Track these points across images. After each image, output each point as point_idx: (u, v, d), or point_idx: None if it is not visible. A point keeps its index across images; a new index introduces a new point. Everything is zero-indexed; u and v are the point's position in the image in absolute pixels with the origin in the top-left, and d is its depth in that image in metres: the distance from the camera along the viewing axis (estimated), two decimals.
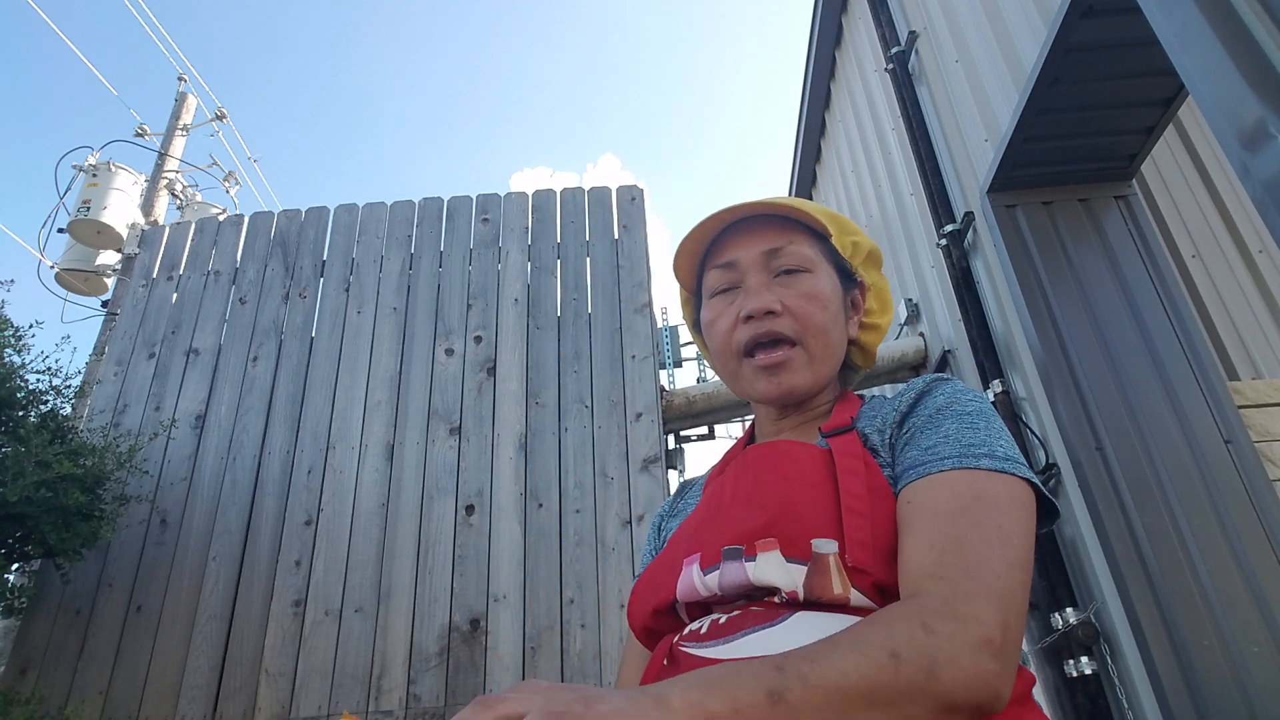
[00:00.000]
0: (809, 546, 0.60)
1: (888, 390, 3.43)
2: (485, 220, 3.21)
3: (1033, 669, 2.01)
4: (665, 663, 0.63)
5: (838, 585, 0.57)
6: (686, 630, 0.64)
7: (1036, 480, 0.61)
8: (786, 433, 0.79)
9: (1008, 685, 0.49)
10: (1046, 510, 0.63)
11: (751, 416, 0.91)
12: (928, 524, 0.57)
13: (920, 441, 0.64)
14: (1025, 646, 2.03)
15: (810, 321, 0.75)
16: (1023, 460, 0.62)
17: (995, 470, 0.59)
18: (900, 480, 0.63)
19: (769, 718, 0.45)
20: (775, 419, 0.81)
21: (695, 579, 0.65)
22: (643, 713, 0.43)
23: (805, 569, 0.59)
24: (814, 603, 0.58)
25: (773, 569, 0.60)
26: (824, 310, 0.76)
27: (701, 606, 0.66)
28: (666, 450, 2.84)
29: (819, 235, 0.79)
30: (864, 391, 0.87)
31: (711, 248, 0.81)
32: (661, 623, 0.70)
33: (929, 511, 0.58)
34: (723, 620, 0.61)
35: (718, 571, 0.63)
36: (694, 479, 0.92)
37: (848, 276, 0.81)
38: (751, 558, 0.61)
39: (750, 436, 0.86)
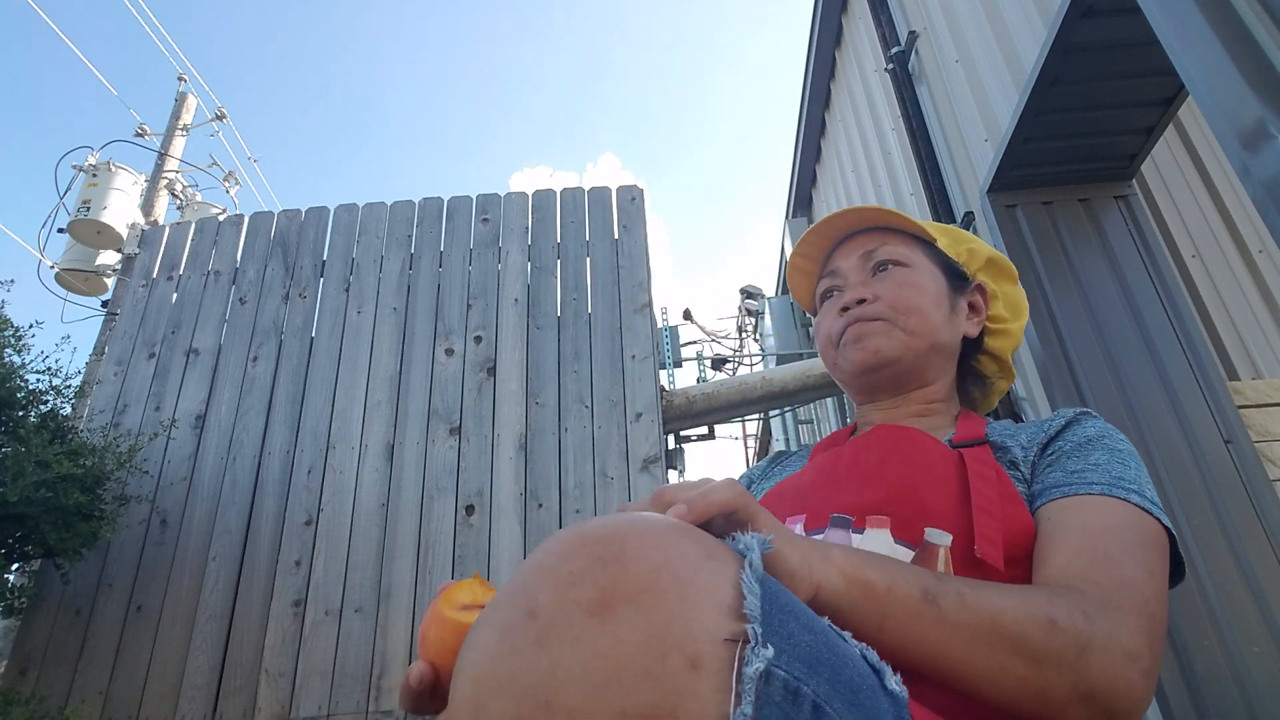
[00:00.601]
0: (922, 533, 0.58)
1: None
2: (485, 220, 3.21)
3: None
4: None
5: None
6: None
7: (1175, 534, 0.60)
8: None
9: (1146, 703, 0.48)
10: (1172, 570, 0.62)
11: (755, 418, 0.90)
12: (1076, 537, 0.56)
13: (1067, 465, 0.64)
14: None
15: (901, 303, 0.76)
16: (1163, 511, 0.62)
17: (1143, 509, 0.58)
18: (1041, 498, 0.62)
19: (918, 611, 0.45)
20: (887, 410, 0.79)
21: None
22: (802, 547, 0.44)
23: (913, 554, 0.57)
24: None
25: (879, 546, 0.58)
26: (918, 294, 0.76)
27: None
28: (666, 450, 2.84)
29: (923, 241, 0.82)
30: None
31: (824, 265, 0.86)
32: None
33: (1077, 526, 0.57)
34: None
35: (821, 536, 0.61)
36: (788, 451, 0.92)
37: (959, 277, 0.82)
38: (860, 530, 0.60)
39: (854, 430, 0.84)
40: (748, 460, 7.37)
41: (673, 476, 3.01)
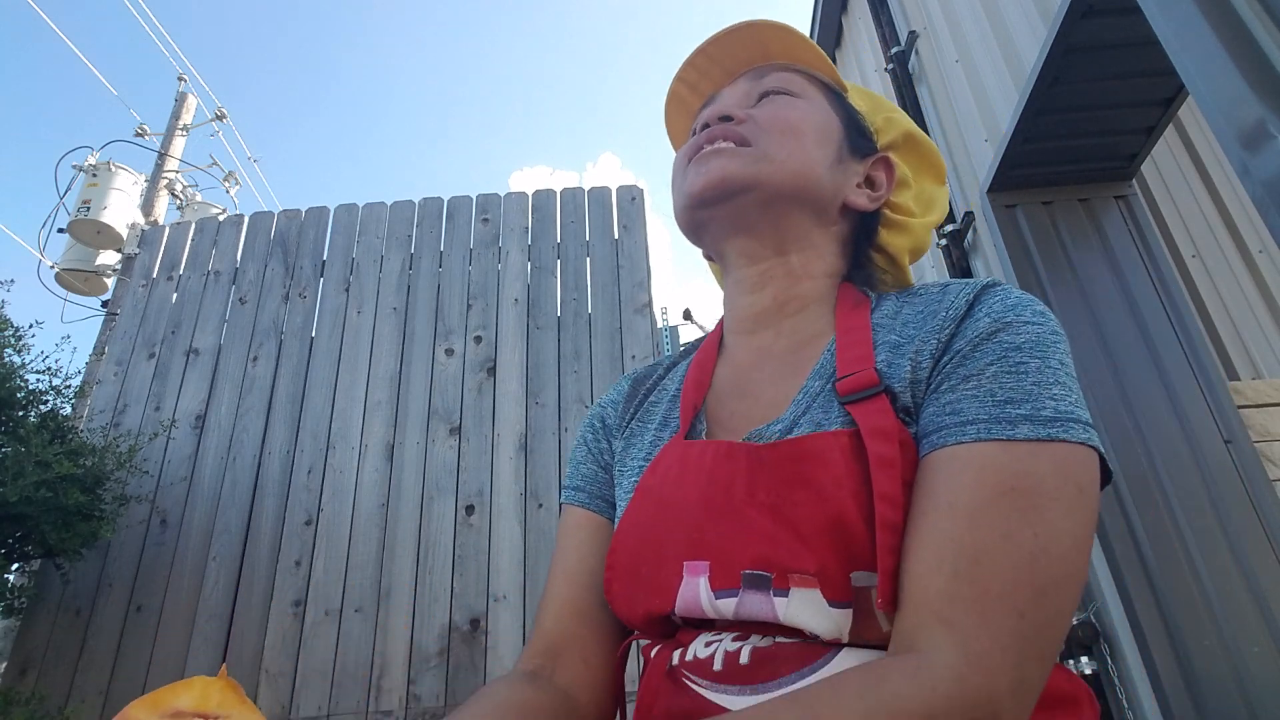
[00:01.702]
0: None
1: None
2: (485, 220, 3.21)
3: None
4: (666, 680, 0.52)
5: (885, 622, 0.45)
6: (692, 655, 0.51)
7: (1095, 441, 0.45)
8: (767, 335, 0.63)
9: None
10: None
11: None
12: (940, 525, 0.43)
13: (943, 393, 0.48)
14: None
15: (773, 126, 0.61)
16: (1079, 410, 0.46)
17: (1038, 440, 0.44)
18: (921, 453, 0.48)
19: None
20: (750, 291, 0.64)
21: (703, 598, 0.50)
22: None
23: (850, 614, 0.46)
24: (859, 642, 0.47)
25: (810, 612, 0.46)
26: (799, 121, 0.61)
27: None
28: None
29: (835, 92, 0.67)
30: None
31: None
32: (651, 627, 0.55)
33: (943, 505, 0.44)
34: (745, 658, 0.48)
35: (735, 599, 0.49)
36: (648, 374, 0.71)
37: (864, 138, 0.67)
38: (782, 592, 0.47)
39: (720, 339, 0.68)
40: None
41: None
